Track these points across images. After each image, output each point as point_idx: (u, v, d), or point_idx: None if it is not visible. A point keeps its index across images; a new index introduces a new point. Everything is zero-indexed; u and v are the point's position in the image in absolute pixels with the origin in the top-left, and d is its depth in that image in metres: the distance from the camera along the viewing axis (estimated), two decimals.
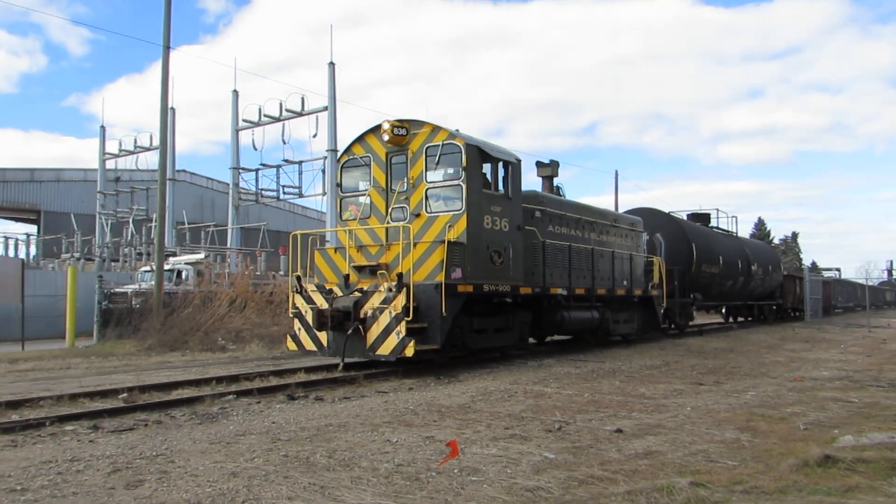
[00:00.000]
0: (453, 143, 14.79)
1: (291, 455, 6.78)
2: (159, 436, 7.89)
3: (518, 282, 15.88)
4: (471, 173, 14.66)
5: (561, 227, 18.39)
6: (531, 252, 16.67)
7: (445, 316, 13.70)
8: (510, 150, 16.19)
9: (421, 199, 15.14)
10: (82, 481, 5.93)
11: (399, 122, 15.33)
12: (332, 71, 36.92)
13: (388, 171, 15.69)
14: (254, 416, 9.14)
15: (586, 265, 18.92)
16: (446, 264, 13.84)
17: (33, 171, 60.35)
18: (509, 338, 16.27)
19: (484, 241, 14.91)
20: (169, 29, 24.64)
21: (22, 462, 6.67)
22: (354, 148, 16.19)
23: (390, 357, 13.54)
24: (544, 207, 17.67)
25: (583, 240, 19.24)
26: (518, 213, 15.99)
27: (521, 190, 16.28)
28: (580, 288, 18.45)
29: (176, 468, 6.32)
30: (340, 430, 8.12)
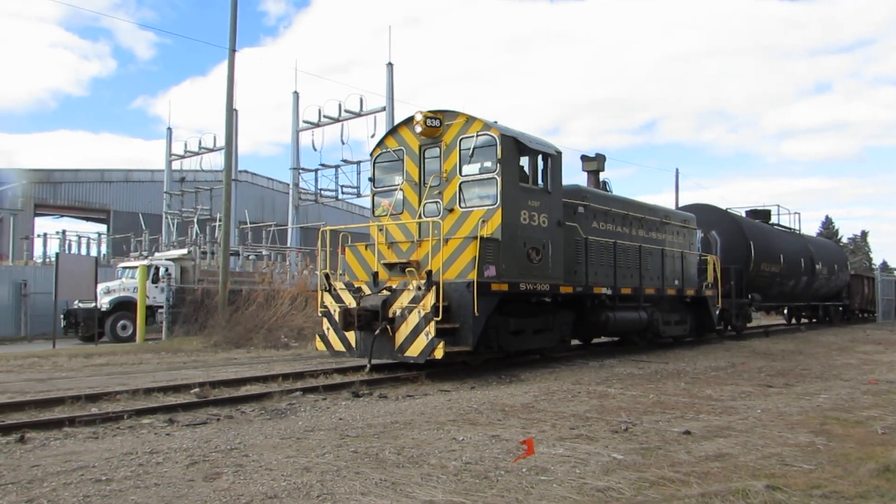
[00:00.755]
0: (488, 134, 13.86)
1: (361, 451, 6.80)
2: (232, 430, 8.00)
3: (558, 280, 14.86)
4: (506, 166, 13.71)
5: (606, 223, 17.29)
6: (572, 249, 15.63)
7: (478, 316, 12.79)
8: (550, 142, 15.16)
9: (455, 193, 14.26)
10: (163, 473, 6.03)
11: (432, 113, 14.46)
12: (391, 71, 36.37)
13: (422, 165, 14.84)
14: (321, 413, 9.23)
15: (633, 263, 17.77)
16: (479, 261, 12.93)
17: (103, 172, 61.45)
18: (549, 339, 15.27)
19: (520, 237, 13.94)
20: (235, 32, 24.56)
21: (104, 453, 6.81)
22: (387, 141, 15.39)
23: (419, 359, 12.69)
24: (588, 203, 16.61)
25: (629, 237, 18.10)
26: (558, 209, 14.97)
27: (561, 184, 15.25)
28: (626, 287, 17.31)
29: (250, 462, 6.40)
30: (406, 427, 8.10)
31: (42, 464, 6.45)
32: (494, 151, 13.74)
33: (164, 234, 49.61)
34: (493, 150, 13.76)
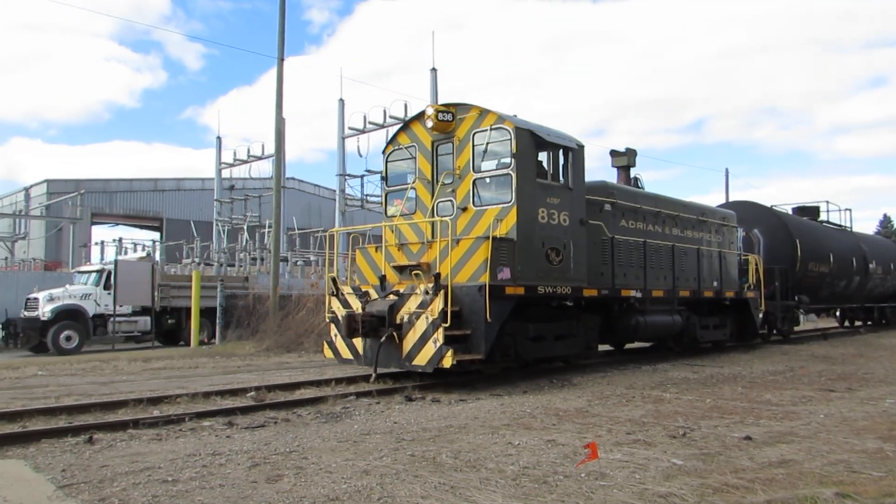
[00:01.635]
0: (502, 127, 12.78)
1: (418, 455, 6.77)
2: (289, 433, 8.03)
3: (581, 283, 13.67)
4: (522, 161, 12.61)
5: (636, 221, 16.02)
6: (597, 249, 14.43)
7: (490, 322, 11.71)
8: (571, 135, 13.97)
9: (468, 190, 13.20)
10: (226, 474, 6.08)
11: (444, 107, 13.46)
12: (434, 76, 35.43)
13: (434, 162, 13.82)
14: (376, 416, 9.20)
15: (666, 264, 16.46)
16: (491, 263, 11.86)
17: (156, 181, 62.08)
18: (573, 346, 14.07)
19: (538, 236, 12.81)
20: (283, 42, 24.43)
21: (168, 455, 6.90)
22: (400, 137, 14.40)
23: (427, 368, 11.68)
24: (615, 200, 15.38)
25: (662, 235, 16.79)
26: (580, 206, 13.79)
27: (584, 180, 14.07)
28: (658, 289, 16.01)
29: (310, 464, 6.41)
30: (461, 431, 8.04)
31: (110, 464, 6.55)
32: (509, 146, 12.66)
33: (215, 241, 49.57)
34: (508, 145, 12.70)
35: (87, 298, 24.58)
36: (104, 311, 24.48)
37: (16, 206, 59.77)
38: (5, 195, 63.58)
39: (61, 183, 57.55)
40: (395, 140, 14.46)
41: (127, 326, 25.03)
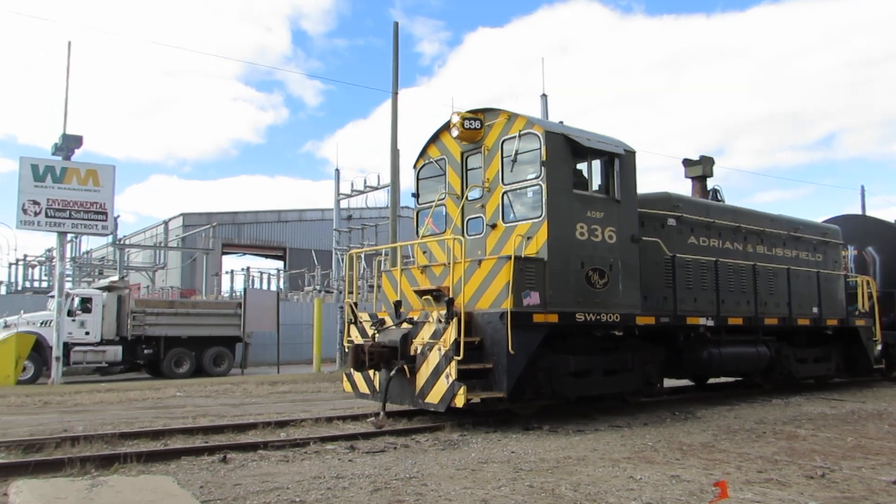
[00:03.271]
0: (531, 132, 10.97)
1: (536, 486, 6.56)
2: (409, 459, 7.93)
3: (632, 309, 11.54)
4: (553, 170, 10.74)
5: (708, 238, 13.67)
6: (654, 270, 12.26)
7: (513, 354, 9.89)
8: (619, 139, 11.92)
9: (497, 205, 11.45)
10: (349, 497, 6.07)
11: (472, 113, 11.76)
12: (545, 103, 33.72)
13: (464, 175, 12.10)
14: (493, 445, 8.93)
15: (746, 287, 13.95)
16: (514, 287, 10.05)
17: (280, 213, 63.24)
18: (627, 382, 11.92)
19: (576, 256, 10.85)
20: (397, 77, 23.77)
21: (295, 476, 6.98)
22: (429, 150, 12.79)
23: (439, 407, 9.98)
24: (680, 214, 13.11)
25: (743, 254, 14.33)
26: (631, 221, 11.70)
27: (635, 191, 11.96)
28: (736, 316, 13.54)
29: (429, 491, 6.34)
30: (580, 463, 7.72)
31: (243, 483, 6.68)
32: (538, 153, 10.77)
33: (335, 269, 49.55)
34: (537, 152, 10.81)
35: (47, 326, 22.25)
36: (67, 339, 22.16)
37: (156, 239, 62.19)
38: (147, 228, 66.40)
39: (195, 216, 59.40)
40: (424, 153, 12.87)
41: (93, 357, 22.91)
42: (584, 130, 11.67)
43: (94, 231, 22.45)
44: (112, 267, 51.46)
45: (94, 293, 23.74)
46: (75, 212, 21.35)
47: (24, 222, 20.96)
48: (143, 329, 23.65)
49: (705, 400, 13.76)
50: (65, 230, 21.80)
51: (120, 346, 23.20)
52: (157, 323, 23.80)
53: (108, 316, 23.17)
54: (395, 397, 10.83)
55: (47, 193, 21.06)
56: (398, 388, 10.70)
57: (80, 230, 22.49)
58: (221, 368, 24.28)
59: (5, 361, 20.54)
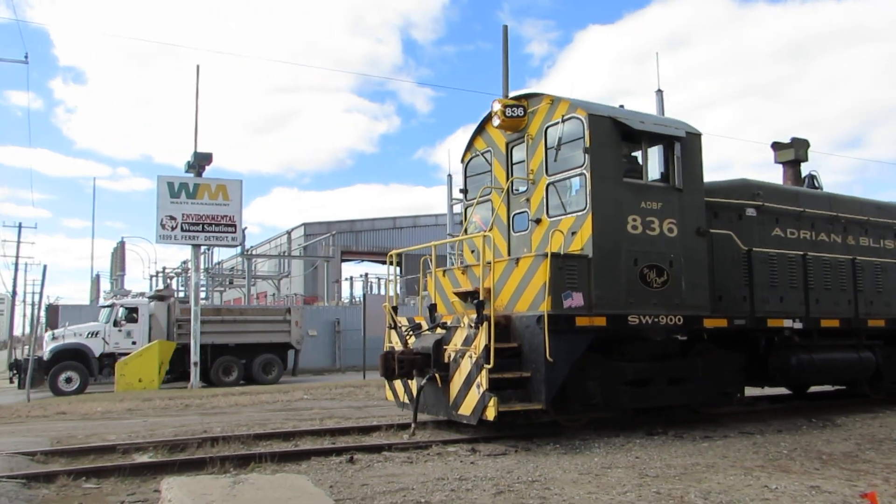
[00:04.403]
0: (574, 116, 9.80)
1: (664, 492, 6.25)
2: (530, 462, 7.75)
3: (698, 310, 10.13)
4: (599, 156, 9.53)
5: (799, 229, 11.98)
6: (730, 267, 10.72)
7: (552, 362, 8.77)
8: (681, 120, 10.51)
9: (542, 199, 10.30)
10: (473, 499, 5.99)
11: (515, 100, 10.66)
12: (660, 98, 31.91)
13: (509, 167, 11.01)
14: (616, 450, 8.58)
15: (845, 284, 12.07)
16: (551, 288, 8.95)
17: (395, 220, 63.77)
18: (696, 392, 10.50)
19: (627, 252, 9.58)
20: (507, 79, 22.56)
21: (420, 477, 6.94)
22: (476, 142, 11.79)
23: (471, 419, 9.01)
24: (761, 203, 11.46)
25: (841, 247, 12.46)
26: (696, 212, 10.28)
27: (701, 178, 10.53)
28: (831, 318, 11.73)
29: (553, 495, 6.17)
30: (709, 470, 7.32)
31: (370, 483, 6.70)
32: (582, 139, 9.56)
33: None
34: (581, 139, 9.59)
35: (93, 337, 22.38)
36: (114, 349, 22.21)
37: (280, 248, 63.89)
38: (271, 238, 68.37)
39: (315, 225, 60.60)
40: (471, 146, 11.87)
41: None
42: (639, 112, 10.37)
43: (224, 243, 23.01)
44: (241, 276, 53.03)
45: (140, 302, 23.55)
46: (207, 225, 21.93)
47: (162, 237, 21.75)
48: (189, 337, 23.01)
49: (845, 407, 12.36)
50: (199, 243, 22.43)
51: None
52: (203, 331, 23.13)
53: (155, 325, 22.83)
54: (431, 407, 9.91)
55: (182, 209, 21.79)
56: (433, 397, 9.77)
57: (213, 242, 22.97)
58: (271, 376, 23.36)
59: (150, 367, 21.19)
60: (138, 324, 22.50)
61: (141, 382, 20.77)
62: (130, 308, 23.07)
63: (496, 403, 8.58)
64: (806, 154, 13.69)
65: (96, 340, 22.22)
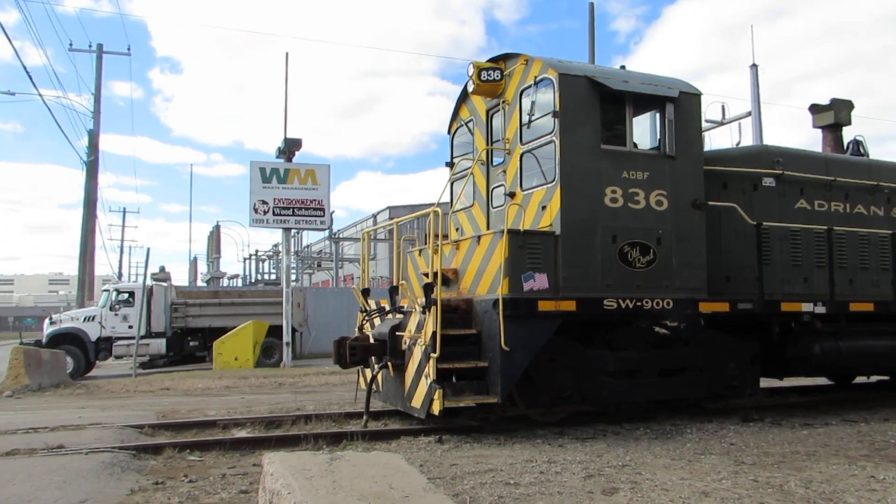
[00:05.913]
0: (546, 77, 8.57)
1: (762, 481, 5.90)
2: (620, 447, 7.46)
3: (693, 293, 8.80)
4: (570, 121, 8.34)
5: (829, 201, 10.41)
6: (734, 244, 9.27)
7: (509, 351, 7.76)
8: (675, 78, 9.12)
9: (516, 170, 9.11)
10: (562, 482, 5.82)
11: (492, 62, 9.50)
12: (755, 73, 29.84)
13: (489, 136, 9.89)
14: (709, 437, 8.16)
15: (887, 262, 10.35)
16: (509, 268, 7.92)
17: None
18: (693, 385, 9.18)
19: (604, 227, 8.37)
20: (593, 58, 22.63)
21: (508, 459, 6.78)
22: (461, 111, 10.73)
23: (420, 412, 8.04)
24: (781, 171, 9.89)
25: (883, 220, 10.70)
26: (693, 182, 8.92)
27: (699, 144, 9.15)
28: (863, 301, 10.08)
29: (644, 480, 5.92)
30: (810, 458, 6.95)
31: (458, 463, 6.60)
32: (553, 101, 8.36)
33: None
34: (552, 100, 8.39)
35: (90, 321, 21.85)
36: (110, 333, 21.67)
37: None
38: (357, 222, 68.57)
39: (400, 209, 60.26)
40: (456, 115, 10.82)
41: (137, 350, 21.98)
42: (624, 71, 9.07)
43: (313, 226, 22.89)
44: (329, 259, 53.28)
45: (136, 287, 22.43)
46: (297, 209, 21.91)
47: (255, 220, 21.80)
48: (185, 321, 22.66)
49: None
50: (289, 226, 22.41)
51: (163, 339, 22.42)
52: (200, 314, 22.55)
53: (156, 309, 22.38)
54: (391, 397, 9.00)
55: (274, 193, 21.87)
56: (393, 387, 8.84)
57: (302, 226, 22.83)
58: (272, 360, 22.33)
59: (245, 346, 21.32)
60: (134, 308, 21.77)
61: (237, 361, 20.98)
62: (127, 292, 22.54)
63: (441, 396, 7.60)
64: (849, 117, 11.83)
65: (93, 325, 21.81)
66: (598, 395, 8.61)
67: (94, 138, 29.33)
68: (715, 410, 9.79)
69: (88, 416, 9.71)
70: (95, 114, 29.69)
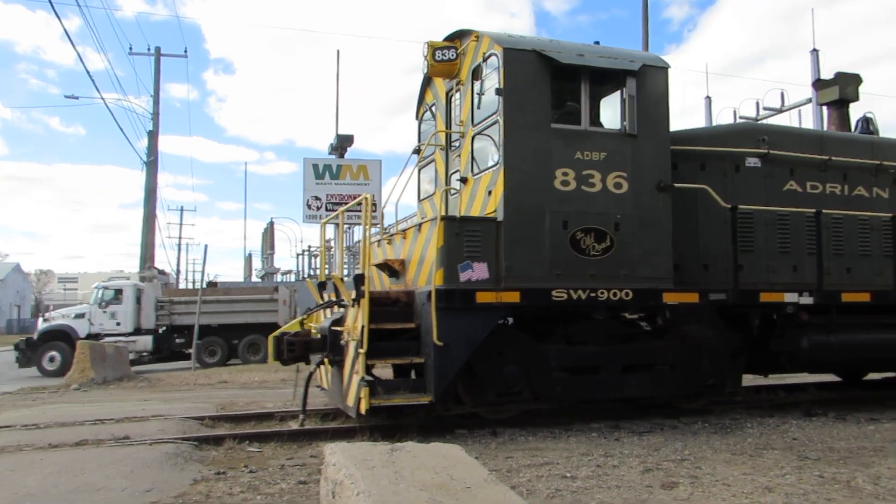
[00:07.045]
0: (492, 53, 7.85)
1: (828, 476, 5.66)
2: (678, 441, 7.24)
3: (657, 282, 8.00)
4: (515, 99, 7.65)
5: (823, 182, 9.37)
6: (711, 230, 8.43)
7: (443, 346, 7.08)
8: (644, 52, 8.27)
9: (469, 153, 8.44)
10: (620, 476, 5.68)
11: (448, 41, 8.84)
12: (815, 58, 28.12)
13: (448, 119, 9.23)
14: (770, 431, 7.87)
15: (882, 248, 9.30)
16: (444, 257, 7.36)
17: None
18: (661, 383, 8.35)
19: (554, 212, 7.67)
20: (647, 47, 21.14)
21: (563, 452, 6.66)
22: (426, 95, 10.07)
23: (352, 411, 7.48)
24: (767, 150, 8.93)
25: (884, 204, 9.61)
26: (658, 163, 8.10)
27: (665, 121, 8.29)
28: (857, 291, 9.04)
29: (705, 474, 5.72)
30: (877, 454, 6.63)
31: (514, 456, 6.50)
32: (498, 78, 7.67)
33: None
34: (497, 77, 7.70)
35: (79, 318, 21.73)
36: (99, 330, 21.45)
37: None
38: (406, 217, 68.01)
39: None
40: (422, 99, 10.17)
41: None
42: (580, 45, 8.26)
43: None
44: None
45: (125, 284, 22.72)
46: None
47: (308, 216, 21.80)
48: (170, 319, 22.26)
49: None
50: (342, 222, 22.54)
51: (150, 336, 21.99)
52: (186, 312, 21.86)
53: (146, 306, 22.10)
54: (334, 396, 8.43)
55: (326, 189, 21.88)
56: (336, 384, 8.28)
57: (355, 221, 22.38)
58: (258, 357, 21.76)
59: None
60: (122, 305, 21.72)
61: None
62: (115, 290, 22.36)
63: (367, 394, 7.01)
64: (856, 92, 10.67)
65: (82, 322, 21.73)
66: (552, 391, 7.89)
67: (153, 139, 29.71)
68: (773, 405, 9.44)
69: (151, 409, 9.82)
70: (154, 115, 30.07)
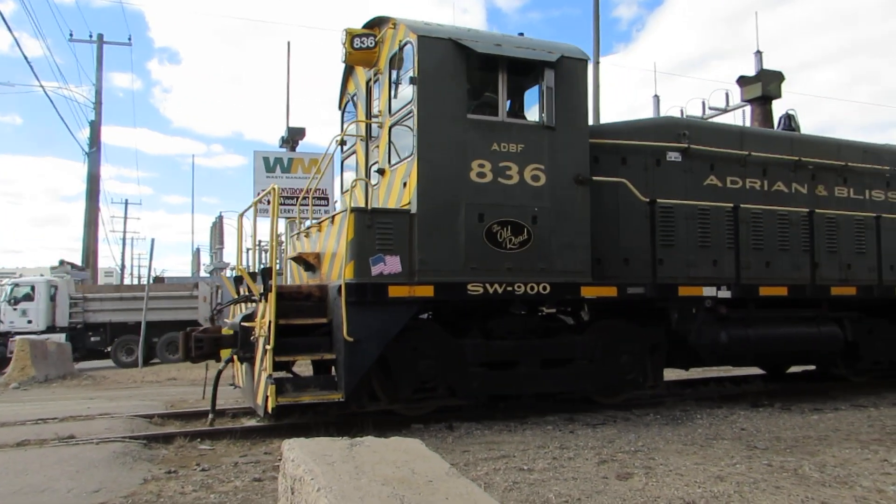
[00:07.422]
0: (408, 40, 7.60)
1: (776, 465, 5.78)
2: (631, 433, 7.29)
3: (575, 276, 7.86)
4: (429, 89, 7.44)
5: (744, 177, 9.35)
6: (630, 224, 8.34)
7: (353, 343, 6.87)
8: (564, 44, 8.13)
9: (386, 144, 8.18)
10: (576, 468, 5.73)
11: (367, 28, 8.56)
12: (759, 59, 28.34)
13: (368, 109, 8.95)
14: (720, 422, 8.02)
15: (807, 244, 9.31)
16: (355, 250, 7.07)
17: None
18: (581, 378, 8.23)
19: (469, 205, 7.48)
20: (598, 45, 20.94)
21: (519, 445, 6.64)
22: (348, 85, 9.77)
23: (261, 410, 7.14)
24: (687, 145, 8.87)
25: (806, 198, 9.70)
26: (577, 155, 7.97)
27: (584, 114, 8.16)
28: (775, 285, 9.06)
29: (658, 465, 5.80)
30: (821, 443, 6.79)
31: (470, 450, 6.48)
32: (411, 68, 7.43)
33: None
34: (411, 67, 7.46)
35: None
36: (9, 328, 20.57)
37: None
38: None
39: None
40: (344, 89, 9.88)
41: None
42: (499, 35, 8.07)
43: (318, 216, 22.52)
44: None
45: (38, 281, 21.76)
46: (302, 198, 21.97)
47: (259, 210, 21.23)
48: (84, 316, 21.33)
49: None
50: (293, 216, 21.95)
51: (64, 335, 20.88)
52: (101, 309, 21.17)
53: (60, 303, 21.25)
54: (247, 394, 8.11)
55: (277, 183, 21.61)
56: (249, 382, 7.96)
57: (307, 215, 22.29)
58: (177, 356, 21.56)
59: None
60: (34, 302, 20.86)
61: None
62: (27, 286, 21.52)
63: (274, 392, 6.73)
64: (779, 89, 10.73)
65: None
66: (468, 387, 7.71)
67: (95, 129, 28.73)
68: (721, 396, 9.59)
69: (97, 407, 9.55)
70: (97, 104, 29.11)
